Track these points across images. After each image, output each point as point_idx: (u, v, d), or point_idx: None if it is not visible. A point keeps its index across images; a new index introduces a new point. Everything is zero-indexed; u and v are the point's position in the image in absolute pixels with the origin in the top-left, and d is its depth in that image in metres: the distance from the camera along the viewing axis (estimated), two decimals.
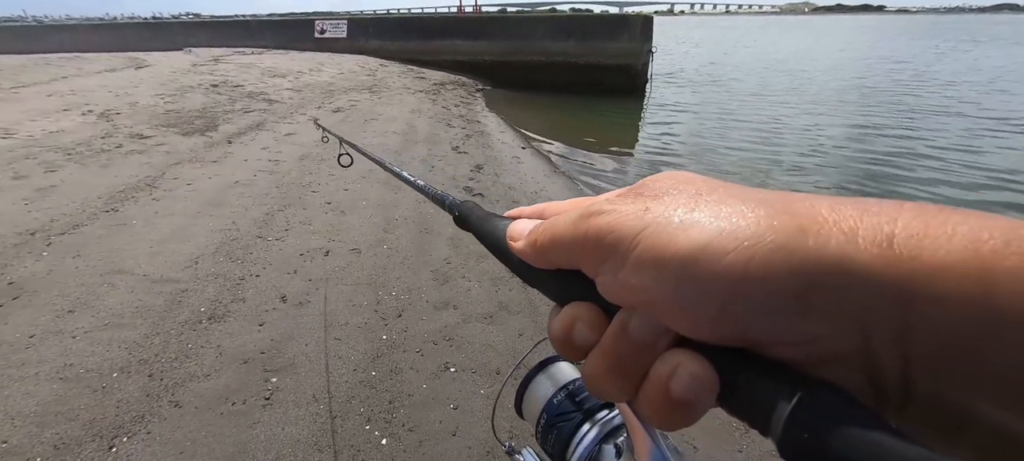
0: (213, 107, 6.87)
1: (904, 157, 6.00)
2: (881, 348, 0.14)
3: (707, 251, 0.16)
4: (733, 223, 0.16)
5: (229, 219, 3.25)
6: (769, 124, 7.94)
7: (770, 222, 0.16)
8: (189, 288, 2.43)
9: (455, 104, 8.98)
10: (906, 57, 19.85)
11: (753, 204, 0.17)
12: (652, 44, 12.07)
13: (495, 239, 0.27)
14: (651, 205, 0.19)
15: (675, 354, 0.17)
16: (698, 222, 0.17)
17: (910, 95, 10.51)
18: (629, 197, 0.20)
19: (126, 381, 1.83)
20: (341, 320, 2.24)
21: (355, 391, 1.84)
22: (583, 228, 0.20)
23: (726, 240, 0.16)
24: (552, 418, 0.33)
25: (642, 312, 0.18)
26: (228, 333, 2.12)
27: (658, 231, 0.17)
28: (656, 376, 0.18)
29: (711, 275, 0.16)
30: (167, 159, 4.47)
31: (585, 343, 0.20)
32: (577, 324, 0.20)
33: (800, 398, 0.14)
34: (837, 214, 0.15)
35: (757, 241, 0.16)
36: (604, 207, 0.20)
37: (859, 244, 0.14)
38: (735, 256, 0.16)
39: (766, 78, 13.90)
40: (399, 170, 0.54)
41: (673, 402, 0.17)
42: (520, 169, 5.13)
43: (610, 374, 0.19)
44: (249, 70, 10.70)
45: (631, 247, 0.18)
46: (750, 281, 0.15)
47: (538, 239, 0.22)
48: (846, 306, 0.14)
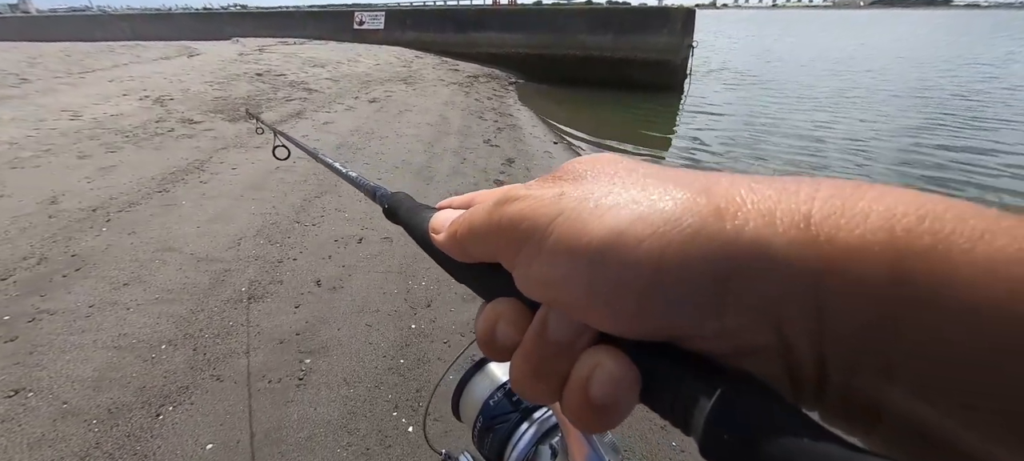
0: (257, 95, 7.16)
1: (964, 159, 5.57)
2: (795, 337, 0.14)
3: (622, 239, 0.15)
4: (650, 206, 0.15)
5: (269, 203, 3.38)
6: (812, 131, 7.51)
7: (687, 205, 0.15)
8: (232, 268, 2.54)
9: (488, 97, 9.00)
10: (973, 59, 18.33)
11: (672, 186, 0.16)
12: (693, 39, 11.66)
13: (421, 232, 0.25)
14: (567, 189, 0.17)
15: (594, 353, 0.16)
16: (614, 206, 0.16)
17: (974, 103, 9.72)
18: (548, 181, 0.19)
19: (173, 353, 1.94)
20: (372, 307, 2.29)
21: (383, 377, 1.88)
22: (497, 216, 0.18)
23: (641, 226, 0.15)
24: (488, 421, 0.31)
25: (560, 308, 0.17)
26: (266, 313, 2.21)
27: (572, 218, 0.16)
28: (576, 378, 0.16)
29: (626, 265, 0.15)
30: (214, 144, 4.70)
31: (509, 343, 0.19)
32: (499, 322, 0.19)
33: (721, 394, 0.14)
34: (756, 195, 0.15)
35: (673, 226, 0.15)
36: (520, 192, 0.18)
37: (777, 227, 0.14)
38: (651, 243, 0.15)
39: (812, 79, 13.18)
40: (330, 161, 0.51)
41: (594, 405, 0.16)
42: (552, 164, 5.08)
43: (533, 376, 0.18)
44: (291, 60, 11.08)
45: (545, 236, 0.17)
46: (666, 271, 0.14)
47: (457, 230, 0.21)
48: (762, 294, 0.14)
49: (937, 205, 0.13)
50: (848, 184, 0.14)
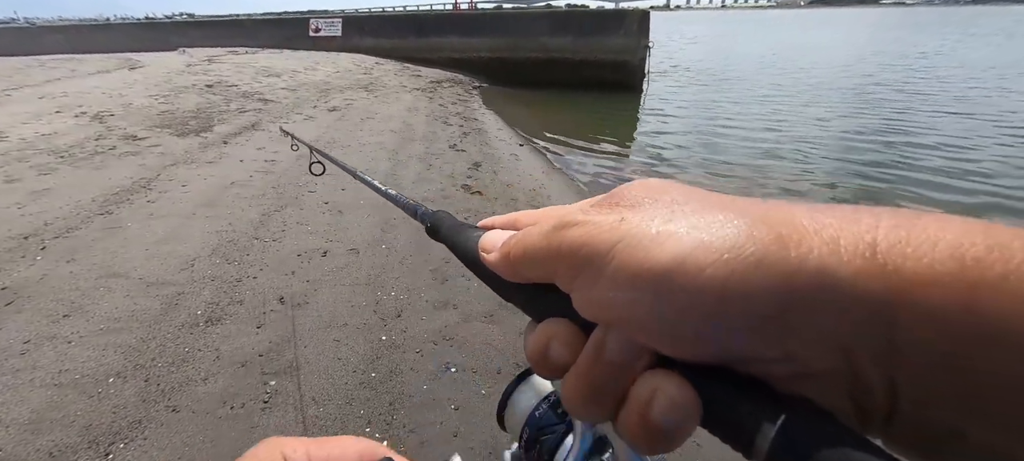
0: (208, 107, 6.82)
1: (901, 155, 6.00)
2: (864, 365, 0.14)
3: (685, 265, 0.15)
4: (711, 234, 0.16)
5: (225, 220, 3.22)
6: (765, 123, 7.92)
7: (749, 233, 0.15)
8: (185, 291, 2.40)
9: (452, 102, 8.95)
10: (904, 53, 19.84)
11: (731, 213, 0.16)
12: (649, 39, 12.03)
13: (467, 250, 0.25)
14: (627, 215, 0.18)
15: (654, 376, 0.16)
16: (675, 234, 0.16)
17: (908, 93, 10.52)
18: (604, 207, 0.19)
19: (122, 386, 1.81)
20: (340, 321, 2.22)
21: (354, 393, 1.82)
22: (557, 241, 0.19)
23: (704, 253, 0.15)
24: (535, 431, 0.32)
25: (618, 330, 0.17)
26: (225, 336, 2.10)
27: (634, 244, 0.17)
28: (635, 400, 0.17)
29: (689, 291, 0.15)
30: (162, 160, 4.44)
31: (561, 362, 0.19)
32: (552, 342, 0.19)
33: (785, 421, 0.14)
34: (817, 222, 0.15)
35: (736, 254, 0.15)
36: (578, 217, 0.19)
37: (842, 255, 0.14)
38: (713, 270, 0.15)
39: (762, 75, 13.89)
40: (370, 179, 0.52)
41: (654, 428, 0.16)
42: (518, 167, 5.11)
43: (587, 396, 0.18)
44: (243, 70, 10.63)
45: (606, 261, 0.17)
46: (729, 298, 0.15)
47: (511, 252, 0.21)
48: (829, 322, 0.14)
49: (1003, 234, 0.13)
50: (908, 212, 0.15)
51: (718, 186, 5.04)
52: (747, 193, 4.78)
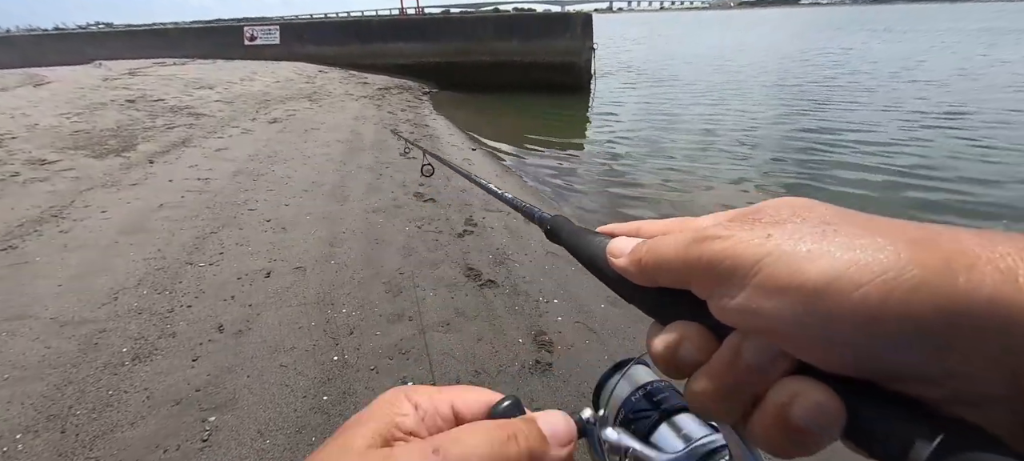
0: (130, 125, 6.27)
1: (824, 140, 6.54)
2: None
3: (839, 282, 0.16)
4: (869, 255, 0.16)
5: (153, 247, 2.96)
6: (704, 123, 8.37)
7: (912, 256, 0.15)
8: (108, 327, 2.18)
9: (401, 108, 8.77)
10: (822, 49, 21.62)
11: (891, 237, 0.16)
12: (593, 41, 12.38)
13: (591, 254, 0.27)
14: (774, 232, 0.18)
15: (795, 381, 0.17)
16: (828, 252, 0.16)
17: (827, 87, 11.47)
18: (745, 222, 0.20)
19: (33, 442, 1.61)
20: (287, 345, 2.10)
21: (305, 419, 1.72)
22: (696, 252, 0.20)
23: (861, 272, 0.15)
24: (630, 413, 0.33)
25: (758, 337, 0.18)
26: (156, 372, 1.92)
27: (782, 258, 0.17)
28: (773, 402, 0.17)
29: (843, 306, 0.15)
30: (76, 185, 4.02)
31: (691, 362, 0.20)
32: (683, 343, 0.20)
33: (943, 439, 0.14)
34: (991, 251, 0.15)
35: (898, 275, 0.15)
36: (720, 232, 0.19)
37: (1020, 285, 0.14)
38: (870, 288, 0.15)
39: (698, 75, 14.68)
40: (486, 182, 0.54)
41: (792, 429, 0.17)
42: (471, 171, 5.07)
43: (719, 396, 0.19)
44: (171, 82, 9.88)
45: (751, 273, 0.18)
46: (887, 316, 0.15)
47: (643, 258, 0.22)
48: (999, 349, 0.14)
49: None
50: None
51: (664, 179, 5.26)
52: (694, 189, 5.03)
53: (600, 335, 2.24)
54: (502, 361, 2.05)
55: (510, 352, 2.10)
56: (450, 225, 3.43)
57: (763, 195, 4.64)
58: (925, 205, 4.27)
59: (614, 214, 4.42)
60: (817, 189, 4.73)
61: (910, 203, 4.33)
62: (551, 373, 1.99)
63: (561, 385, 1.93)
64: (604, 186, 5.25)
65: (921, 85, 10.21)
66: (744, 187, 4.86)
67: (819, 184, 4.86)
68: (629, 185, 5.19)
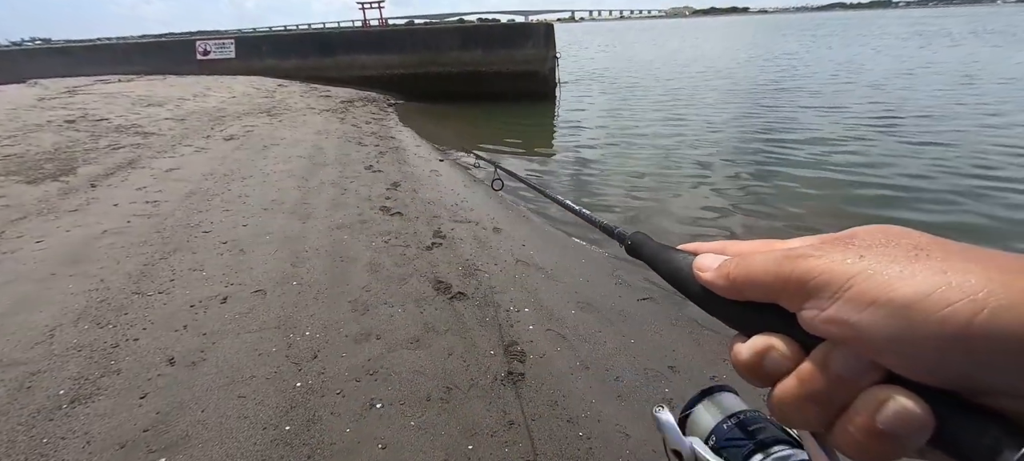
0: (69, 146, 5.86)
1: (777, 140, 6.87)
2: None
3: (931, 298, 0.17)
4: (961, 278, 0.17)
5: (95, 277, 2.76)
6: (669, 119, 8.66)
7: (1002, 279, 0.16)
8: (41, 369, 2.00)
9: (366, 121, 8.61)
10: (772, 54, 22.83)
11: (981, 262, 0.17)
12: (556, 50, 12.60)
13: (675, 269, 0.29)
14: (866, 254, 0.19)
15: (884, 389, 0.18)
16: (920, 274, 0.17)
17: (779, 88, 12.09)
18: (837, 245, 0.21)
19: None
20: (245, 374, 1.99)
21: (267, 453, 1.63)
22: (788, 268, 0.21)
23: (952, 292, 0.16)
24: (722, 441, 0.33)
25: (847, 347, 0.19)
26: (99, 414, 1.78)
27: (875, 276, 0.18)
28: (862, 407, 0.18)
29: (931, 320, 0.16)
30: (7, 214, 3.71)
31: (777, 370, 0.22)
32: (771, 352, 0.22)
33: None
34: None
35: (987, 297, 0.16)
36: (811, 252, 0.21)
37: None
38: (962, 305, 0.16)
39: (661, 78, 15.19)
40: (561, 197, 0.53)
41: (879, 434, 0.18)
42: (439, 182, 5.03)
43: (806, 401, 0.20)
44: (115, 100, 9.33)
45: (844, 288, 0.19)
46: (974, 333, 0.16)
47: (731, 273, 0.24)
48: None
49: None
50: None
51: (630, 184, 5.37)
52: (665, 189, 5.16)
53: (571, 342, 2.25)
54: (474, 374, 2.01)
55: (482, 365, 2.07)
56: (418, 238, 3.37)
57: (729, 194, 4.81)
58: (871, 200, 4.55)
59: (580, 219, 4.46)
60: (771, 189, 4.94)
61: (853, 197, 4.60)
62: (524, 383, 1.97)
63: (534, 395, 1.92)
64: (572, 191, 5.31)
65: (862, 87, 10.94)
66: (709, 192, 5.02)
67: (773, 183, 5.09)
68: (597, 190, 5.27)
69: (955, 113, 7.65)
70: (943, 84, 10.44)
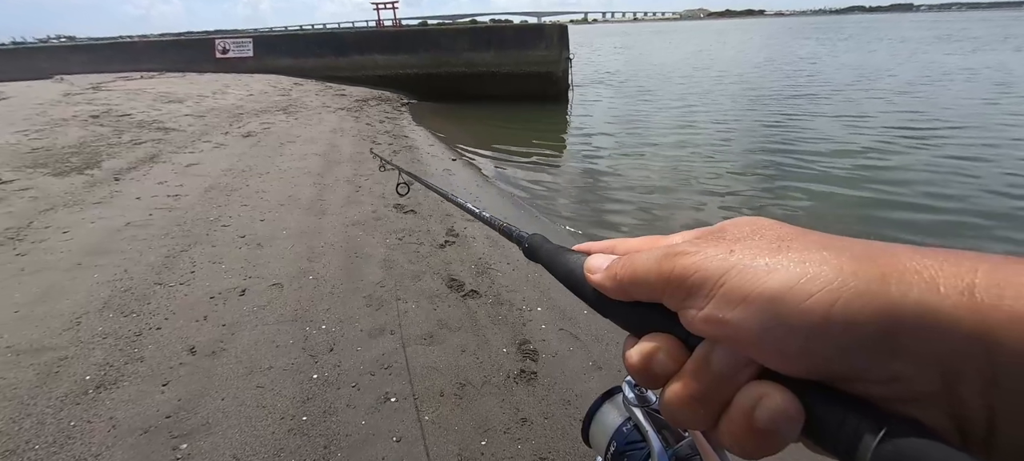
0: (94, 141, 6.03)
1: (791, 147, 6.77)
2: (964, 390, 0.15)
3: (793, 291, 0.17)
4: (818, 269, 0.18)
5: (119, 267, 2.83)
6: (682, 123, 8.59)
7: (854, 268, 0.17)
8: (69, 355, 2.07)
9: (380, 120, 8.70)
10: (791, 57, 22.51)
11: (836, 251, 0.18)
12: (570, 51, 12.59)
13: (568, 271, 0.28)
14: (735, 248, 0.20)
15: (760, 385, 0.18)
16: (784, 265, 0.18)
17: (795, 94, 11.91)
18: (710, 240, 0.21)
19: None
20: (263, 365, 2.03)
21: (284, 442, 1.66)
22: (668, 267, 0.21)
23: (811, 283, 0.17)
24: (622, 446, 0.33)
25: (725, 345, 0.19)
26: (123, 400, 1.83)
27: (744, 272, 0.19)
28: (739, 406, 0.19)
29: (797, 313, 0.17)
30: (35, 205, 3.83)
31: (664, 372, 0.21)
32: (657, 354, 0.21)
33: (886, 432, 0.15)
34: (917, 263, 0.17)
35: (842, 285, 0.17)
36: (688, 248, 0.21)
37: (940, 291, 0.16)
38: (820, 297, 0.17)
39: (675, 81, 15.08)
40: (463, 201, 0.52)
41: (757, 431, 0.18)
42: (451, 181, 5.06)
43: (691, 402, 0.20)
44: (138, 97, 9.56)
45: (717, 285, 0.19)
46: (834, 321, 0.16)
47: (618, 273, 0.23)
48: (928, 349, 0.16)
49: None
50: (1011, 259, 0.16)
51: (642, 187, 5.35)
52: (671, 192, 5.13)
53: (584, 342, 2.25)
54: (487, 372, 2.03)
55: (495, 362, 2.08)
56: (431, 236, 3.40)
57: (739, 203, 4.77)
58: (888, 222, 4.45)
59: (595, 222, 4.46)
60: (786, 197, 4.87)
61: (869, 216, 4.50)
62: (536, 382, 1.98)
63: (546, 393, 1.92)
64: (583, 195, 5.30)
65: (883, 92, 10.72)
66: (719, 194, 4.98)
67: (786, 193, 5.02)
68: (608, 194, 5.25)
69: (985, 123, 7.40)
70: (972, 92, 10.18)
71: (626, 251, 0.25)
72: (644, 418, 0.33)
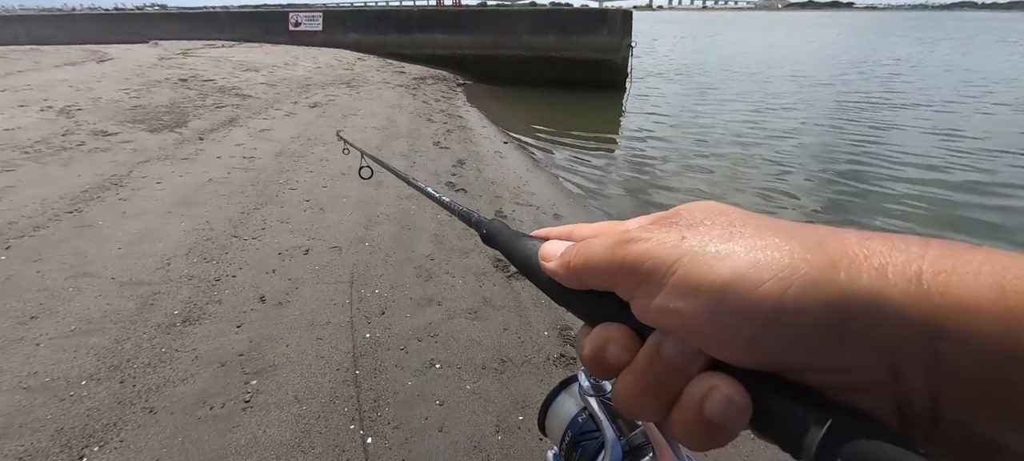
0: (182, 102, 6.62)
1: (873, 161, 6.21)
2: (909, 379, 0.15)
3: (743, 281, 0.17)
4: (768, 256, 0.17)
5: (202, 218, 3.14)
6: (746, 123, 8.08)
7: (804, 256, 0.17)
8: (161, 291, 2.34)
9: (436, 98, 8.89)
10: (882, 56, 20.46)
11: (786, 237, 0.18)
12: (632, 39, 12.17)
13: (524, 258, 0.27)
14: (687, 234, 0.19)
15: (710, 377, 0.18)
16: (734, 253, 0.18)
17: (885, 101, 10.84)
18: (664, 226, 0.21)
19: (96, 388, 1.76)
20: (322, 319, 2.20)
21: (338, 391, 1.81)
22: (620, 254, 0.20)
23: (761, 271, 0.17)
24: (576, 436, 0.33)
25: (676, 335, 0.19)
26: (204, 336, 2.06)
27: (695, 260, 0.18)
28: (690, 398, 0.18)
29: (747, 303, 0.17)
30: (134, 157, 4.29)
31: (617, 363, 0.21)
32: (609, 345, 0.21)
33: (832, 422, 0.15)
34: (867, 249, 0.16)
35: (792, 274, 0.16)
36: (640, 235, 0.20)
37: (889, 279, 0.15)
38: (770, 286, 0.16)
39: (744, 76, 14.19)
40: (423, 185, 0.53)
41: (707, 423, 0.18)
42: (502, 164, 5.12)
43: (642, 394, 0.20)
44: (220, 64, 10.34)
45: (668, 274, 0.19)
46: (784, 311, 0.16)
47: (572, 261, 0.23)
48: (876, 338, 0.15)
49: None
50: (958, 245, 0.16)
51: (699, 187, 5.15)
52: (726, 198, 4.90)
53: None
54: (527, 352, 2.08)
55: (536, 344, 2.13)
56: None
57: (794, 220, 4.48)
58: None
59: (640, 213, 4.36)
60: (856, 215, 4.51)
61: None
62: (575, 368, 2.01)
63: None
64: (633, 189, 5.18)
65: (987, 105, 9.53)
66: (774, 208, 4.69)
67: (859, 213, 4.64)
68: (658, 192, 5.10)
69: None
70: None
71: (583, 237, 0.25)
72: (598, 408, 0.32)
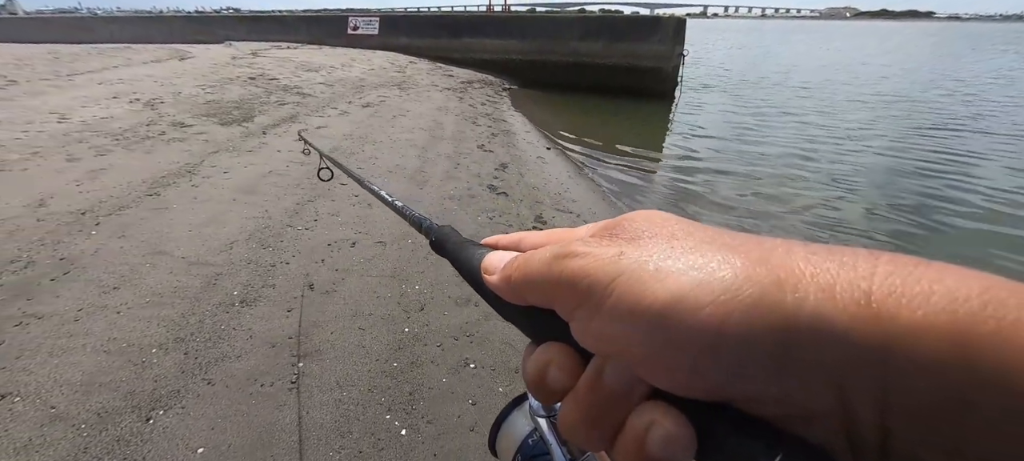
0: (250, 99, 7.13)
1: (941, 201, 5.69)
2: (859, 407, 0.14)
3: (682, 304, 0.16)
4: (709, 274, 0.16)
5: (262, 207, 3.37)
6: (801, 142, 7.56)
7: (747, 274, 0.16)
8: (223, 271, 2.53)
9: (482, 102, 9.04)
10: (965, 72, 18.75)
11: (730, 253, 0.16)
12: (684, 47, 11.84)
13: (470, 269, 0.25)
14: (626, 249, 0.18)
15: (651, 408, 0.17)
16: (673, 271, 0.17)
17: (966, 125, 9.92)
18: (604, 238, 0.19)
19: (164, 357, 1.92)
20: (365, 311, 2.29)
21: (376, 381, 1.88)
22: (557, 270, 0.19)
23: (702, 293, 0.16)
24: (527, 459, 0.31)
25: (616, 361, 0.18)
26: (258, 317, 2.20)
27: (632, 279, 0.17)
28: (631, 430, 0.17)
29: (686, 330, 0.15)
30: (206, 147, 4.67)
31: (559, 387, 0.19)
32: (551, 367, 0.19)
33: (781, 458, 0.14)
34: (814, 266, 0.15)
35: (734, 295, 0.15)
36: (579, 249, 0.19)
37: (837, 301, 0.14)
38: (711, 310, 0.15)
39: (802, 89, 13.43)
40: (377, 189, 0.52)
41: (648, 457, 0.16)
42: (544, 170, 5.12)
43: (585, 423, 0.18)
44: (284, 64, 11.05)
45: (605, 294, 0.17)
46: (726, 338, 0.15)
47: (512, 275, 0.21)
48: (823, 365, 0.14)
49: (1000, 290, 0.13)
50: (908, 261, 0.15)
51: (743, 207, 4.91)
52: (771, 217, 4.64)
53: None
54: None
55: None
56: (520, 220, 3.50)
57: (848, 242, 4.17)
58: None
59: None
60: (924, 247, 4.13)
61: None
62: None
63: None
64: (675, 205, 5.02)
65: None
66: (827, 237, 4.39)
67: (927, 245, 4.25)
68: (701, 209, 4.90)
69: None
70: None
71: (531, 246, 0.23)
72: (548, 430, 0.30)
